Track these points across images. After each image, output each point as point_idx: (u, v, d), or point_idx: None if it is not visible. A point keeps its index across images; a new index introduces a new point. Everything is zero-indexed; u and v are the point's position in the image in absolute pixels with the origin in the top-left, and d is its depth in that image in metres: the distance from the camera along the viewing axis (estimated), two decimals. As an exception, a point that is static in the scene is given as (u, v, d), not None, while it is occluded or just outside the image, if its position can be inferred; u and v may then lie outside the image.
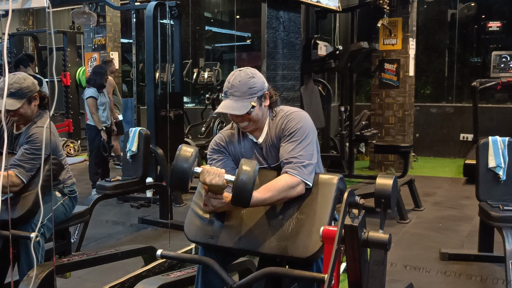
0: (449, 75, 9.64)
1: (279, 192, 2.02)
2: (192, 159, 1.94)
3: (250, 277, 1.91)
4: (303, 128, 2.14)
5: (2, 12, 2.03)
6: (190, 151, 1.96)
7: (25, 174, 2.71)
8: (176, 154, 1.95)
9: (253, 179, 1.85)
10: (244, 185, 1.85)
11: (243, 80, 2.10)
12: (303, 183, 2.06)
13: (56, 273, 2.56)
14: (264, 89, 2.16)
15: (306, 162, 2.07)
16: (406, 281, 2.31)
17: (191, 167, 1.94)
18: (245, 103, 2.09)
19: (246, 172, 1.86)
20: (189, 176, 1.94)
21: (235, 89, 2.10)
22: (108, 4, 6.65)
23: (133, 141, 4.50)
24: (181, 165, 1.93)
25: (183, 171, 1.92)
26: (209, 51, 12.21)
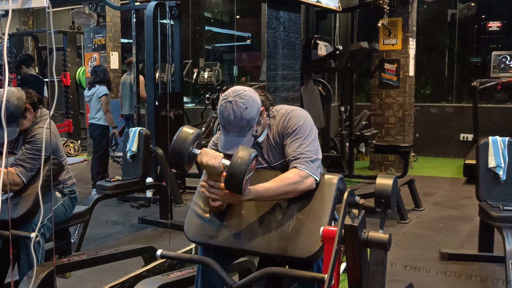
0: (449, 75, 9.65)
1: (288, 184, 2.01)
2: (191, 139, 1.95)
3: (250, 277, 1.91)
4: (305, 124, 2.15)
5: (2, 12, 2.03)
6: (190, 131, 1.97)
7: (25, 173, 2.71)
8: (177, 133, 1.97)
9: (246, 163, 1.82)
10: (238, 168, 1.82)
11: (238, 115, 2.00)
12: (312, 177, 2.05)
13: (56, 273, 2.56)
14: (259, 111, 2.08)
15: (313, 157, 2.09)
16: (406, 281, 2.32)
17: (189, 147, 1.94)
18: (247, 136, 2.06)
19: (240, 156, 1.84)
20: (185, 154, 1.94)
21: (233, 126, 2.03)
22: (108, 4, 6.65)
23: (133, 141, 4.50)
24: (179, 144, 1.94)
25: (180, 149, 1.93)
26: (209, 51, 12.21)
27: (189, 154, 1.96)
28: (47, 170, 2.75)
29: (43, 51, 9.82)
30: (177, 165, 1.99)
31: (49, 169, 2.76)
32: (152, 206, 5.49)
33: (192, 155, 1.97)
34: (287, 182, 2.02)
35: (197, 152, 1.97)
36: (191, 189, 5.87)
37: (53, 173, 2.83)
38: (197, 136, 1.99)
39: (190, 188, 5.89)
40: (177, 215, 4.78)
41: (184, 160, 1.95)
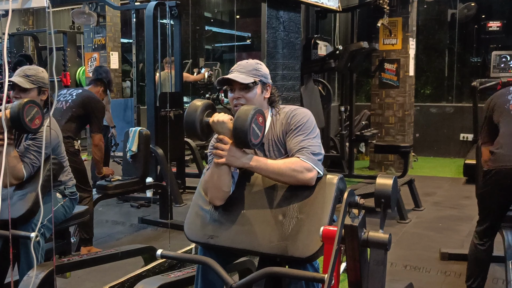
0: (449, 75, 9.65)
1: (289, 168, 2.03)
2: (201, 108, 2.06)
3: (250, 277, 1.91)
4: (309, 122, 2.17)
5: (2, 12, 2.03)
6: (199, 103, 2.08)
7: (26, 167, 2.71)
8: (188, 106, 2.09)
9: (252, 112, 1.94)
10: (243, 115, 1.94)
11: (250, 62, 2.22)
12: (315, 171, 2.06)
13: (56, 273, 2.56)
14: (267, 79, 2.24)
15: (316, 151, 2.10)
16: (406, 281, 2.31)
17: (201, 114, 2.05)
18: (249, 77, 2.16)
19: (245, 108, 1.98)
20: (197, 122, 2.04)
21: (241, 66, 2.21)
22: (108, 4, 6.65)
23: (133, 141, 4.50)
24: (190, 113, 2.06)
25: (191, 117, 2.04)
26: (209, 51, 12.21)
27: (201, 121, 2.05)
28: (47, 170, 2.75)
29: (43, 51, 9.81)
30: (191, 132, 2.10)
31: (49, 169, 2.76)
32: (152, 206, 5.49)
33: (205, 123, 2.06)
34: (289, 166, 2.04)
35: (208, 119, 2.06)
36: (191, 189, 5.87)
37: (53, 173, 2.82)
38: (207, 106, 2.09)
39: (190, 188, 5.90)
40: (177, 215, 4.78)
41: (197, 127, 2.05)
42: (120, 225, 4.96)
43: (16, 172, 2.66)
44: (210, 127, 2.06)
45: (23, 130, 2.64)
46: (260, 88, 2.20)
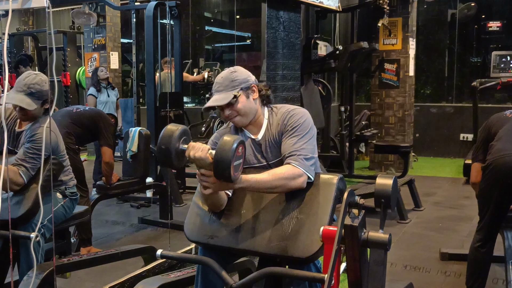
0: (449, 75, 9.65)
1: (280, 178, 2.01)
2: (177, 135, 1.95)
3: (250, 277, 1.91)
4: (305, 123, 2.16)
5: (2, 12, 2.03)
6: (174, 128, 1.97)
7: (27, 173, 2.71)
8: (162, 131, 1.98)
9: (231, 149, 1.81)
10: (223, 156, 1.82)
11: (225, 76, 2.20)
12: (305, 176, 2.05)
13: (56, 273, 2.56)
14: (248, 82, 2.20)
15: (309, 155, 2.08)
16: (406, 281, 2.31)
17: (176, 142, 1.94)
18: (227, 94, 2.15)
19: (224, 143, 1.84)
20: (172, 150, 1.93)
21: (218, 84, 2.19)
22: (108, 4, 6.65)
23: (133, 141, 4.50)
24: (165, 140, 1.94)
25: (166, 145, 1.94)
26: (209, 51, 12.21)
27: (177, 149, 1.95)
28: (47, 170, 2.75)
29: (43, 51, 9.82)
30: (165, 161, 1.99)
31: (49, 169, 2.76)
32: (152, 206, 5.49)
33: (180, 150, 1.96)
34: (279, 177, 2.02)
35: (184, 147, 1.97)
36: (191, 189, 5.86)
37: (53, 173, 2.82)
38: (182, 132, 1.98)
39: (190, 188, 5.89)
40: (177, 215, 4.78)
41: (172, 156, 1.94)
42: (120, 225, 4.96)
43: (15, 181, 2.67)
44: (183, 154, 1.98)
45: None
46: (243, 96, 2.17)
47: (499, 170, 2.89)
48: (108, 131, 4.11)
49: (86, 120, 4.06)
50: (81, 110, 4.14)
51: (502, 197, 2.94)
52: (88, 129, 4.08)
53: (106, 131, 4.09)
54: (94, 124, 4.08)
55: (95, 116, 4.12)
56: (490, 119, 3.20)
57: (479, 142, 3.20)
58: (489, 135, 3.10)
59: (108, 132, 4.10)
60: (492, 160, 2.93)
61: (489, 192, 2.97)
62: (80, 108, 4.22)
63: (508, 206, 2.99)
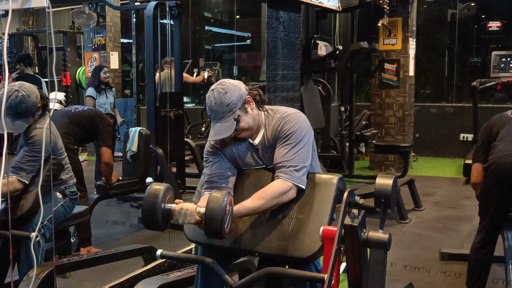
0: (449, 75, 9.65)
1: (271, 199, 2.02)
2: (161, 195, 1.92)
3: (250, 277, 1.91)
4: (299, 130, 2.13)
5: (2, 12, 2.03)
6: (159, 186, 1.94)
7: (26, 176, 2.72)
8: (146, 192, 1.95)
9: (221, 210, 1.81)
10: (213, 221, 1.82)
11: (218, 100, 2.09)
12: (295, 188, 2.06)
13: (56, 273, 2.56)
14: (242, 97, 2.12)
15: (299, 166, 2.07)
16: (406, 281, 2.31)
17: (161, 203, 1.91)
18: (229, 121, 2.09)
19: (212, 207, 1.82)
20: (159, 212, 1.91)
21: (215, 112, 2.10)
22: (108, 4, 6.65)
23: (133, 141, 4.50)
24: (150, 202, 1.90)
25: (152, 206, 1.90)
26: (209, 51, 12.21)
27: (163, 210, 1.92)
28: (47, 170, 2.75)
29: (43, 51, 9.81)
30: (152, 224, 1.94)
31: (49, 169, 2.76)
32: (152, 206, 5.47)
33: (165, 211, 1.94)
34: (269, 197, 2.02)
35: (170, 207, 1.95)
36: (191, 189, 5.86)
37: (53, 173, 2.83)
38: (166, 191, 1.95)
39: (190, 188, 5.89)
40: (177, 215, 4.77)
41: (159, 218, 1.92)
42: (120, 225, 4.96)
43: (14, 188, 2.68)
44: (169, 215, 1.97)
45: None
46: (243, 113, 2.13)
47: (501, 170, 2.89)
48: (107, 132, 4.11)
49: (85, 120, 4.06)
50: (80, 111, 4.14)
51: (503, 198, 2.94)
52: (87, 129, 4.08)
53: (105, 131, 4.09)
54: (93, 124, 4.08)
55: (94, 116, 4.12)
56: (491, 119, 3.19)
57: (479, 142, 3.20)
58: (490, 135, 3.10)
59: (107, 132, 4.10)
60: (493, 161, 2.93)
61: (491, 193, 2.97)
62: (79, 108, 4.21)
63: (509, 206, 2.99)
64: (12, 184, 2.64)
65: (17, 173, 2.70)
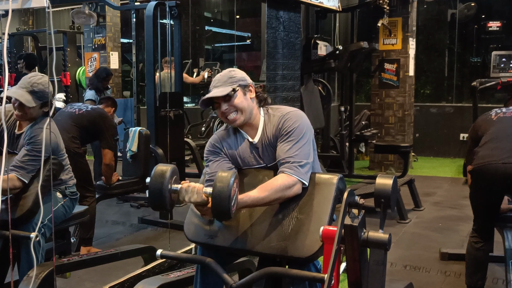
0: (449, 75, 9.65)
1: (276, 191, 2.02)
2: (168, 175, 1.92)
3: (250, 277, 1.91)
4: (300, 127, 2.14)
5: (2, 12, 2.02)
6: (164, 169, 1.94)
7: (26, 175, 2.72)
8: (151, 174, 1.94)
9: (228, 188, 1.80)
10: (220, 198, 1.81)
11: (224, 73, 2.23)
12: (300, 183, 2.06)
13: (56, 273, 2.56)
14: (246, 80, 2.23)
15: (303, 161, 2.08)
16: (406, 281, 2.31)
17: (168, 183, 1.92)
18: (226, 88, 2.16)
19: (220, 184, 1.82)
20: (166, 194, 1.91)
21: (217, 80, 2.22)
22: (108, 4, 6.64)
23: (133, 141, 4.50)
24: (156, 184, 1.91)
25: (158, 189, 1.90)
26: (209, 51, 12.21)
27: (169, 191, 1.93)
28: (47, 170, 2.75)
29: (43, 51, 9.80)
30: (159, 205, 1.95)
31: (49, 169, 2.76)
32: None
33: (172, 191, 1.94)
34: (274, 190, 2.02)
35: (177, 187, 1.95)
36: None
37: (53, 173, 2.83)
38: (173, 172, 1.96)
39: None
40: (177, 215, 4.77)
41: (166, 199, 1.92)
42: (120, 225, 4.96)
43: (14, 186, 2.68)
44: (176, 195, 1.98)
45: None
46: (241, 92, 2.18)
47: (483, 178, 2.96)
48: (110, 134, 4.10)
49: (88, 122, 4.04)
50: (84, 112, 4.08)
51: (489, 201, 3.01)
52: (90, 130, 4.06)
53: (108, 133, 4.07)
54: (96, 125, 4.06)
55: (98, 117, 4.09)
56: (477, 121, 3.26)
57: (469, 145, 3.25)
58: (476, 137, 3.16)
59: (110, 134, 4.09)
60: (475, 167, 2.98)
61: (477, 198, 3.07)
62: (82, 109, 4.14)
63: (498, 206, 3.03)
64: (11, 181, 2.64)
65: (17, 171, 2.70)
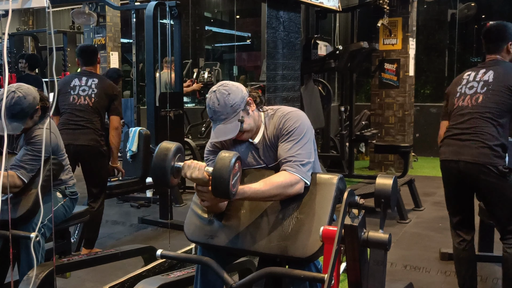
0: (449, 75, 9.64)
1: (277, 187, 2.02)
2: (172, 153, 1.94)
3: (250, 277, 1.91)
4: (301, 127, 2.14)
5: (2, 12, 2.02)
6: (169, 146, 1.96)
7: (26, 175, 2.72)
8: (156, 150, 1.96)
9: (228, 169, 1.82)
10: (220, 176, 1.83)
11: (221, 101, 2.09)
12: (302, 182, 2.06)
13: (56, 273, 2.56)
14: (244, 99, 2.14)
15: (305, 161, 2.08)
16: (406, 281, 2.31)
17: (171, 161, 1.93)
18: (233, 122, 2.09)
19: (221, 163, 1.85)
20: (168, 170, 1.92)
21: (218, 113, 2.10)
22: (108, 4, 6.64)
23: (133, 141, 4.50)
24: (160, 159, 1.93)
25: (160, 165, 1.92)
26: (209, 51, 12.21)
27: (172, 168, 1.94)
28: (47, 170, 2.75)
29: (43, 51, 9.80)
30: (160, 180, 1.96)
31: (49, 169, 2.76)
32: (152, 206, 5.49)
33: (175, 169, 1.95)
34: (276, 185, 2.02)
35: (180, 165, 1.96)
36: (191, 189, 5.86)
37: (53, 173, 2.83)
38: (177, 150, 1.97)
39: (190, 188, 5.89)
40: (177, 215, 4.78)
41: (168, 175, 1.93)
42: (120, 225, 4.96)
43: (14, 183, 2.67)
44: (179, 173, 1.98)
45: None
46: (245, 115, 2.14)
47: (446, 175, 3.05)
48: (119, 101, 4.11)
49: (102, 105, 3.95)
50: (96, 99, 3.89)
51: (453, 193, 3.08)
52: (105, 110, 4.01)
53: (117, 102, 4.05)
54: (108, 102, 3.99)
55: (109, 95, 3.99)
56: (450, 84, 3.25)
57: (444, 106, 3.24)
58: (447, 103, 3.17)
59: (119, 102, 4.09)
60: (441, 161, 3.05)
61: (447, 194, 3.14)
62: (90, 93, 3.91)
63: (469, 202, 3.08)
64: (11, 177, 2.64)
65: (17, 169, 2.70)
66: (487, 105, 2.87)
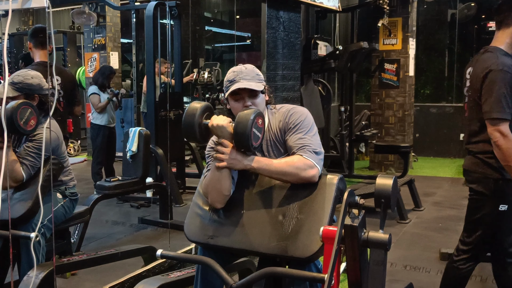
0: (449, 75, 9.65)
1: (291, 166, 2.03)
2: (200, 110, 2.04)
3: (250, 277, 1.91)
4: (307, 120, 2.17)
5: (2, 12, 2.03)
6: (198, 105, 2.07)
7: (26, 170, 2.72)
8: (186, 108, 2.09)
9: (252, 115, 1.95)
10: (244, 119, 1.95)
11: (250, 68, 2.19)
12: (317, 168, 2.06)
13: (56, 273, 2.56)
14: (264, 83, 2.23)
15: (318, 149, 2.10)
16: (406, 281, 2.31)
17: (199, 117, 2.04)
18: (257, 83, 2.16)
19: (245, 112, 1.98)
20: (196, 124, 2.03)
21: (245, 74, 2.16)
22: (108, 4, 6.65)
23: (133, 141, 4.50)
24: (189, 115, 2.04)
25: (190, 119, 2.04)
26: (209, 51, 12.21)
27: (200, 124, 2.04)
28: (47, 170, 2.75)
29: (43, 51, 9.79)
30: (190, 135, 2.08)
31: (49, 169, 2.76)
32: (152, 206, 5.49)
33: (203, 125, 2.05)
34: (290, 164, 2.03)
35: (207, 122, 2.06)
36: (191, 189, 5.87)
37: (53, 173, 2.83)
38: (206, 108, 2.07)
39: (190, 188, 5.90)
40: (177, 215, 4.78)
41: (196, 130, 2.04)
42: (120, 225, 4.96)
43: (15, 174, 2.67)
44: (208, 130, 2.06)
45: (17, 132, 2.63)
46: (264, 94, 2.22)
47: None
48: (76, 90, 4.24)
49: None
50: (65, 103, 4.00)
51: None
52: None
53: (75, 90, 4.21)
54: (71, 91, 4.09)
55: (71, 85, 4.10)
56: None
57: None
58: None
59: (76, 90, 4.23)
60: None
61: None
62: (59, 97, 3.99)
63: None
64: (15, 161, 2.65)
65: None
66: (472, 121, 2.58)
